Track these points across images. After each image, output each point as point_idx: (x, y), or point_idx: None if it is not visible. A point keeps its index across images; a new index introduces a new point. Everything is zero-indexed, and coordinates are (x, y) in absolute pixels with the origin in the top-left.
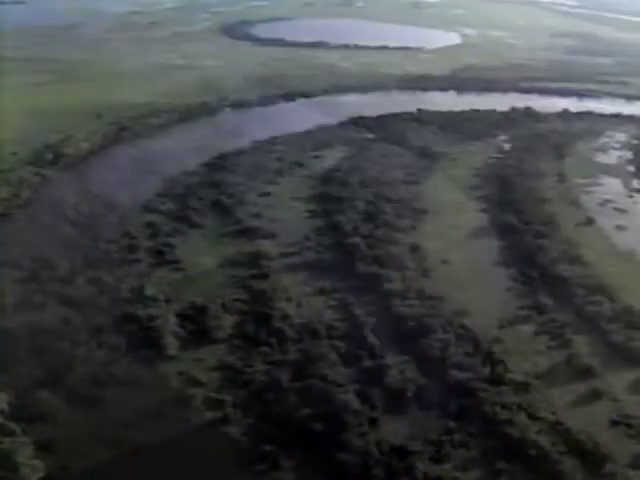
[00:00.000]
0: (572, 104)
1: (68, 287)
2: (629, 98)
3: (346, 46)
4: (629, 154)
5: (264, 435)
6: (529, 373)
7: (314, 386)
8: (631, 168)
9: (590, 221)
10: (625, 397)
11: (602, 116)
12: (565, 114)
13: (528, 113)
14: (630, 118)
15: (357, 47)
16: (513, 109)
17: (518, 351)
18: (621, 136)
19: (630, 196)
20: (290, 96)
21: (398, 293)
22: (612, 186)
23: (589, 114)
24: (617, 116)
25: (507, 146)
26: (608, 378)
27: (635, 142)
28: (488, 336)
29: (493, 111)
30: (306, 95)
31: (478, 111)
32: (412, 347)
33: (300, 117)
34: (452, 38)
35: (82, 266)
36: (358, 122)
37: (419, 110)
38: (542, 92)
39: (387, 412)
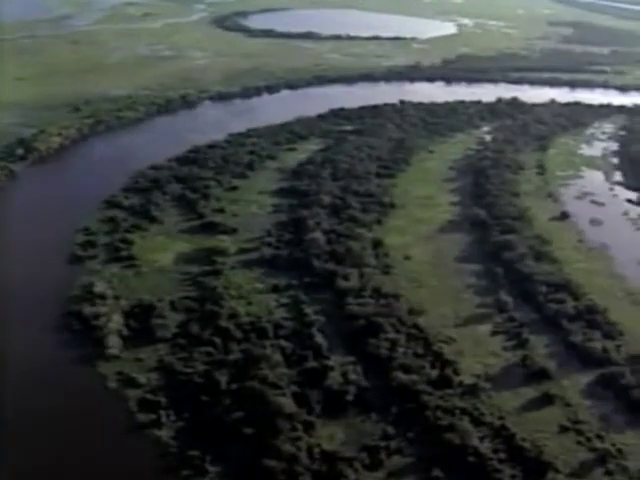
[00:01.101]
0: (562, 95)
1: (17, 284)
2: (623, 88)
3: (337, 37)
4: (615, 146)
5: (194, 439)
6: (480, 375)
7: (251, 388)
8: (615, 160)
9: (565, 215)
10: (578, 401)
11: (591, 107)
12: (552, 105)
13: (514, 104)
14: (620, 109)
15: (349, 37)
16: (499, 100)
17: (471, 352)
18: (608, 127)
19: (610, 189)
20: (274, 88)
21: (353, 291)
22: (593, 179)
23: (577, 105)
24: (607, 107)
25: (488, 138)
26: (562, 381)
27: (622, 133)
28: (441, 336)
29: (478, 102)
30: (290, 86)
31: (463, 102)
32: (359, 347)
33: (280, 109)
34: (447, 28)
35: (34, 263)
36: (338, 114)
37: (402, 101)
38: (533, 82)
39: (324, 416)
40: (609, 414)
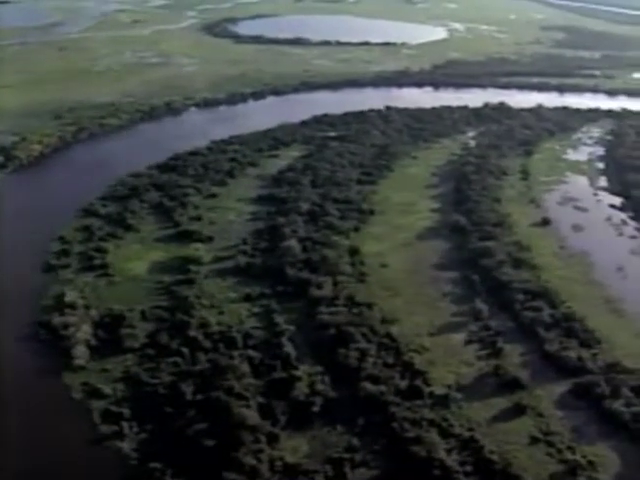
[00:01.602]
0: (551, 99)
1: None
2: (612, 93)
3: (327, 43)
4: (601, 150)
5: (155, 451)
6: (451, 385)
7: (215, 399)
8: (601, 165)
9: (546, 221)
10: (551, 412)
11: (578, 111)
12: (539, 110)
13: (501, 109)
14: (608, 113)
15: (338, 43)
16: (486, 105)
17: (443, 361)
18: (596, 132)
19: (595, 194)
20: (260, 94)
21: (326, 299)
22: (577, 184)
23: (565, 109)
24: (595, 111)
25: (473, 143)
26: (536, 391)
27: (609, 138)
28: (414, 345)
29: (465, 107)
30: (276, 93)
31: (449, 107)
32: (329, 357)
33: (265, 115)
34: (438, 33)
35: (7, 272)
36: (321, 120)
37: (387, 107)
38: (522, 87)
39: (289, 427)
40: (582, 425)
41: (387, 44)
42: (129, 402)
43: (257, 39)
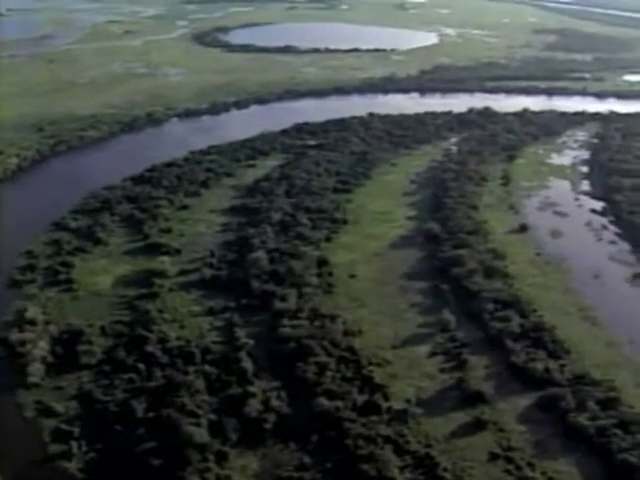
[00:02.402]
0: (539, 103)
1: None
2: (600, 95)
3: (316, 50)
4: (586, 154)
5: (102, 471)
6: (411, 400)
7: (166, 417)
8: (584, 169)
9: (524, 228)
10: (513, 426)
11: (564, 115)
12: (525, 114)
13: (486, 114)
14: (595, 116)
15: (328, 51)
16: (470, 110)
17: (405, 374)
18: (582, 135)
19: (576, 199)
20: (243, 103)
21: (289, 312)
22: (559, 189)
23: (551, 112)
24: (581, 114)
25: (455, 149)
26: (499, 405)
27: (595, 141)
28: (376, 358)
29: (449, 113)
30: (260, 102)
31: (433, 113)
32: (286, 372)
33: (246, 125)
34: (430, 38)
35: None
36: (302, 128)
37: (370, 114)
38: (509, 91)
39: (240, 445)
40: (544, 440)
41: (377, 50)
42: (80, 420)
43: (246, 48)
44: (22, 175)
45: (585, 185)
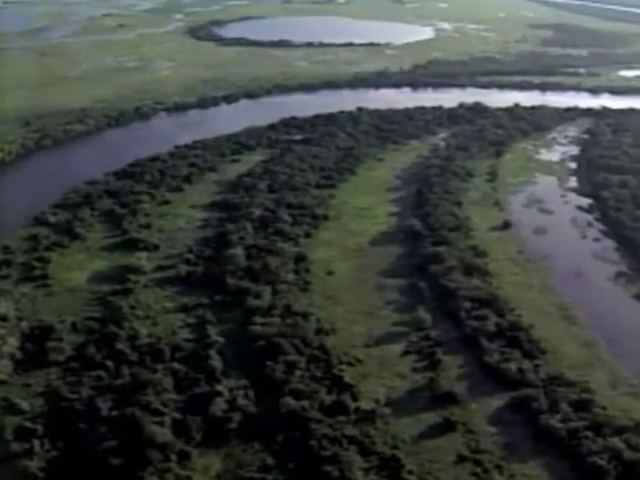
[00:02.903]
0: (531, 98)
1: None
2: (594, 91)
3: (310, 44)
4: (575, 150)
5: (63, 470)
6: (379, 400)
7: (129, 416)
8: (573, 165)
9: (507, 224)
10: (483, 428)
11: (556, 110)
12: (516, 109)
13: (476, 109)
14: (586, 111)
15: (321, 45)
16: (461, 105)
17: (376, 374)
18: (572, 131)
19: (562, 195)
20: (232, 97)
21: (262, 310)
22: (546, 185)
23: (542, 108)
24: (573, 109)
25: (443, 144)
26: (470, 405)
27: (585, 137)
28: (347, 357)
29: (439, 108)
30: (250, 96)
31: (423, 108)
32: (254, 371)
33: (234, 119)
34: (425, 33)
35: None
36: (289, 123)
37: (359, 108)
38: (502, 86)
39: (203, 445)
40: (514, 442)
41: (371, 45)
42: (44, 418)
43: (239, 41)
44: (5, 170)
45: (572, 182)
